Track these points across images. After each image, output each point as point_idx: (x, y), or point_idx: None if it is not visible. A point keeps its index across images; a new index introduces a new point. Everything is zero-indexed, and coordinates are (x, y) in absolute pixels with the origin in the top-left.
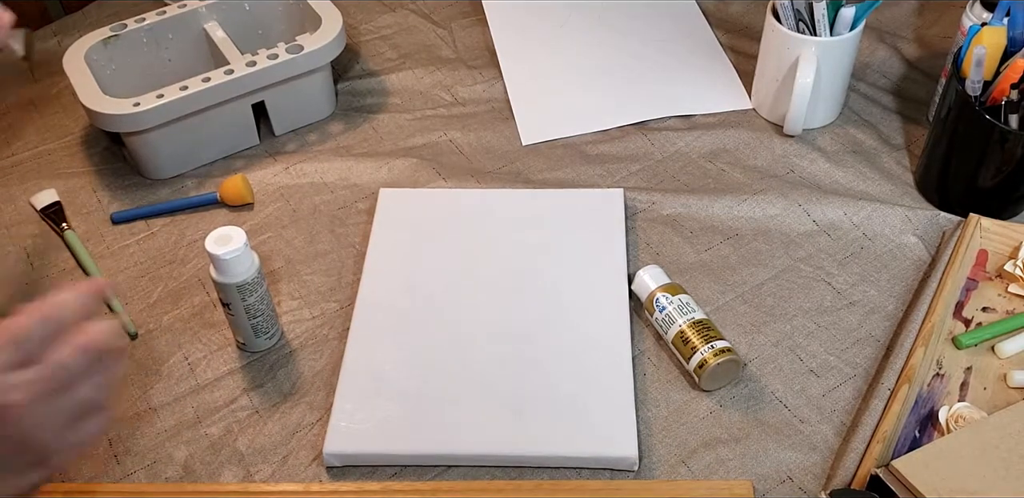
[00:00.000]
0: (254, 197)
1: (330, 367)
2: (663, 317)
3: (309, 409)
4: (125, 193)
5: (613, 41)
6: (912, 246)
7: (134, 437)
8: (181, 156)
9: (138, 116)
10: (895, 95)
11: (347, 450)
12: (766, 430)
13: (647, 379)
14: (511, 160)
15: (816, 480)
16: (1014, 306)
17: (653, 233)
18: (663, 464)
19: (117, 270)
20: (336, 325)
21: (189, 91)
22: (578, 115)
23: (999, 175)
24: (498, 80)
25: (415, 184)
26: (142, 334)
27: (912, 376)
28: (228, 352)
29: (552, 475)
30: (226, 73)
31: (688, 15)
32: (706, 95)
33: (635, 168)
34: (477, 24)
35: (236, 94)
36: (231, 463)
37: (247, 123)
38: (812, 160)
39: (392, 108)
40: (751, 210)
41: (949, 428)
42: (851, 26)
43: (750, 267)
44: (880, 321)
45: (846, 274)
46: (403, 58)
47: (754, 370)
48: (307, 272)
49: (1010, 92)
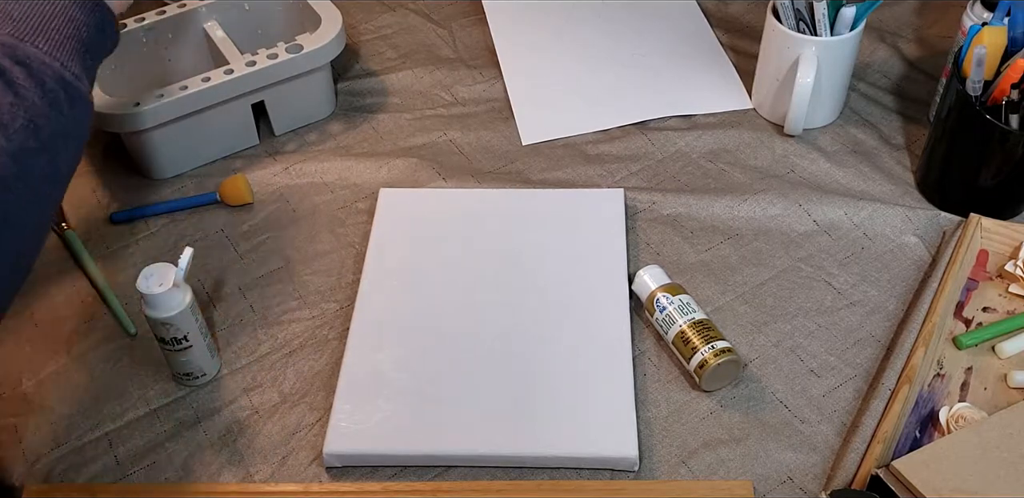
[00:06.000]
0: (254, 197)
1: (330, 367)
2: (663, 317)
3: (309, 409)
4: (125, 193)
5: (613, 41)
6: (913, 246)
7: (134, 437)
8: (181, 156)
9: (138, 116)
10: (895, 95)
11: (347, 450)
12: (766, 430)
13: (647, 379)
14: (511, 160)
15: (816, 480)
16: (1015, 306)
17: (653, 233)
18: (663, 464)
19: (117, 270)
20: (336, 325)
21: (189, 91)
22: (578, 115)
23: (999, 175)
24: (498, 80)
25: (415, 184)
26: (142, 334)
27: (913, 376)
28: (228, 352)
29: (552, 475)
30: (226, 73)
31: (688, 15)
32: (706, 95)
33: (635, 168)
34: (477, 24)
35: (236, 94)
36: (231, 463)
37: (247, 123)
38: (812, 160)
39: (392, 108)
40: (751, 210)
41: (950, 428)
42: (851, 26)
43: (750, 267)
44: (881, 321)
45: (847, 274)
46: (403, 58)
47: (754, 370)
48: (307, 272)
49: (1011, 92)
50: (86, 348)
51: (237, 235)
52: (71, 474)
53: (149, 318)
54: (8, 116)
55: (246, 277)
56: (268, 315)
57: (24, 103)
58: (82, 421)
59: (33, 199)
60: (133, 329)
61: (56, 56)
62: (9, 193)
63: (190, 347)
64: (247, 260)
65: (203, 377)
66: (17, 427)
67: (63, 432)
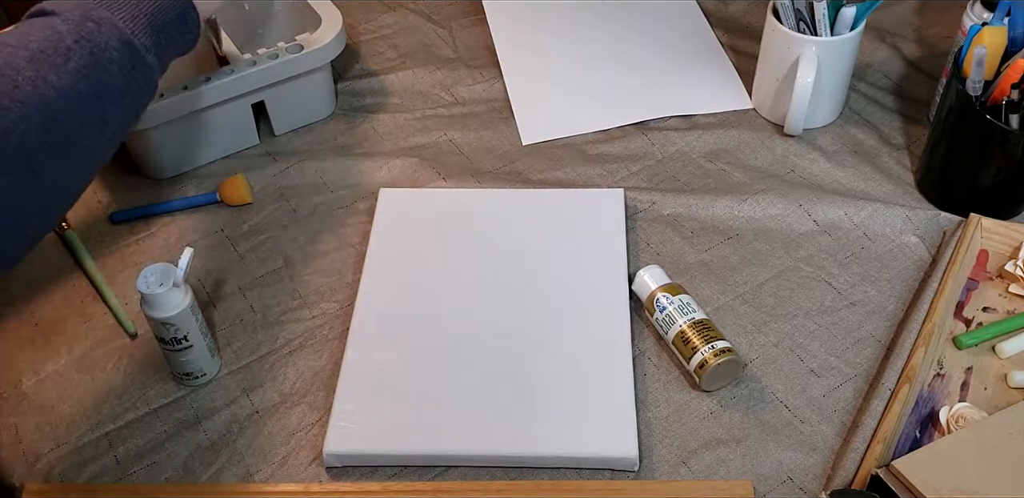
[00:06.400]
0: (254, 197)
1: (330, 367)
2: (663, 317)
3: (309, 409)
4: (125, 193)
5: (613, 41)
6: (913, 246)
7: (134, 437)
8: (181, 156)
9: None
10: (896, 95)
11: (347, 450)
12: (766, 430)
13: (647, 379)
14: (511, 160)
15: (816, 480)
16: (1015, 306)
17: (653, 233)
18: (663, 464)
19: (117, 270)
20: (336, 325)
21: (190, 91)
22: (578, 115)
23: (1000, 175)
24: (498, 80)
25: (415, 184)
26: (142, 334)
27: (913, 376)
28: (228, 352)
29: (552, 475)
30: (227, 73)
31: (688, 15)
32: (706, 95)
33: (635, 168)
34: (477, 24)
35: (237, 93)
36: (231, 463)
37: (247, 123)
38: (812, 160)
39: (392, 108)
40: (751, 210)
41: (950, 428)
42: (852, 26)
43: (750, 267)
44: (881, 321)
45: (847, 274)
46: (403, 58)
47: (754, 370)
48: (307, 272)
49: (1011, 92)
50: (86, 348)
51: (237, 235)
52: (71, 474)
53: (149, 318)
54: (63, 57)
55: (246, 277)
56: (268, 315)
57: (82, 51)
58: (82, 421)
59: (76, 140)
60: (133, 329)
61: (127, 23)
62: (53, 125)
63: (190, 347)
64: (247, 260)
65: (203, 377)
66: (17, 427)
67: (63, 432)
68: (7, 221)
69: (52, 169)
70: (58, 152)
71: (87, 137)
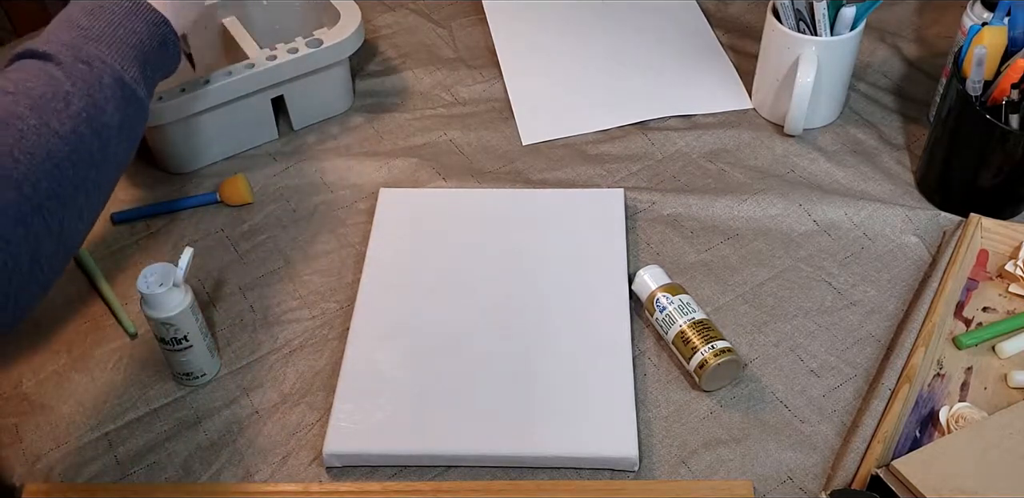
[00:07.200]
0: (254, 197)
1: (330, 367)
2: (663, 317)
3: (309, 409)
4: (125, 193)
5: (613, 41)
6: (913, 246)
7: (134, 437)
8: (201, 150)
9: (161, 109)
10: (896, 95)
11: (347, 450)
12: (766, 430)
13: (647, 379)
14: (511, 160)
15: (816, 480)
16: (1015, 306)
17: (653, 233)
18: (663, 464)
19: (117, 270)
20: (336, 325)
21: (212, 85)
22: (578, 115)
23: (1000, 175)
24: (498, 80)
25: (415, 184)
26: (142, 334)
27: (913, 376)
28: (228, 352)
29: (552, 475)
30: (247, 67)
31: (688, 15)
32: (706, 95)
33: (635, 168)
34: (477, 24)
35: (257, 88)
36: (231, 463)
37: (267, 118)
38: (812, 160)
39: (392, 108)
40: (751, 210)
41: (950, 428)
42: (851, 26)
43: (750, 267)
44: (881, 321)
45: (847, 274)
46: (403, 58)
47: (754, 370)
48: (307, 272)
49: (1011, 92)
50: (86, 348)
51: (237, 235)
52: (71, 474)
53: (149, 318)
54: (62, 103)
55: (246, 277)
56: (268, 315)
57: (80, 93)
58: (82, 421)
59: (81, 184)
60: (133, 329)
61: (116, 59)
62: (60, 172)
63: (190, 347)
64: (247, 260)
65: (203, 377)
66: (17, 427)
67: (63, 432)
68: (22, 268)
69: (61, 214)
70: (66, 197)
71: (90, 179)
